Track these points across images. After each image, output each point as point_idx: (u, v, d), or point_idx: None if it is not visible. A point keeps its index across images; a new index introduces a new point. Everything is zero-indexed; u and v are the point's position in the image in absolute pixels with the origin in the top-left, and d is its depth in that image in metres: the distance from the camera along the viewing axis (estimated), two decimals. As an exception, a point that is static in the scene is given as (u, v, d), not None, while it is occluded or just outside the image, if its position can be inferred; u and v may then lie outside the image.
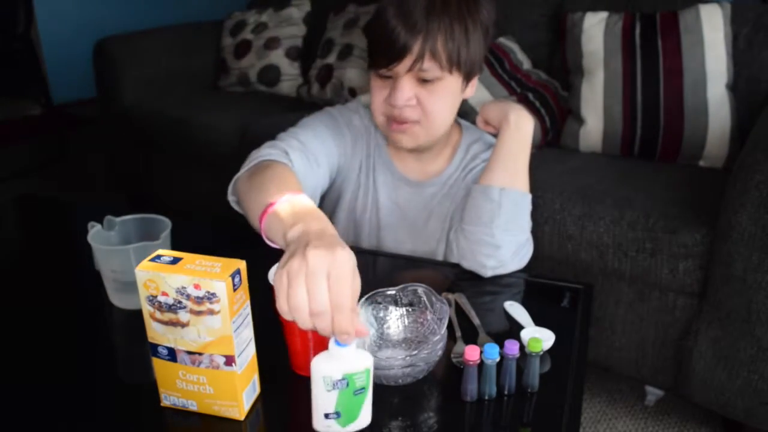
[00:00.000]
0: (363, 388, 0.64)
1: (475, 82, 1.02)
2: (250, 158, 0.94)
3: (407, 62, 0.92)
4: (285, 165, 0.89)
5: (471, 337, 0.80)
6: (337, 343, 0.62)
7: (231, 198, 0.95)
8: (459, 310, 0.87)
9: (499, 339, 0.72)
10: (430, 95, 0.96)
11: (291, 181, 0.82)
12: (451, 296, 0.89)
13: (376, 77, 0.98)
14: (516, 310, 0.87)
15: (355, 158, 1.11)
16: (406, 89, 0.94)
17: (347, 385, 0.62)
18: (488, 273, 0.95)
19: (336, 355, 0.62)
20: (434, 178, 1.09)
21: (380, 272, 1.05)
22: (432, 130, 1.00)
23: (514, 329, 0.83)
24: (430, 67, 0.93)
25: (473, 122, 1.11)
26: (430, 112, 0.97)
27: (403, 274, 1.02)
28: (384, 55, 0.93)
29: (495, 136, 1.03)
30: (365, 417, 0.66)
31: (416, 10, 0.91)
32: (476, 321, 0.84)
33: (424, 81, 0.95)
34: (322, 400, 0.63)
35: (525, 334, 0.80)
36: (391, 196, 1.11)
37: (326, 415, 0.64)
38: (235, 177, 0.93)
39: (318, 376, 0.62)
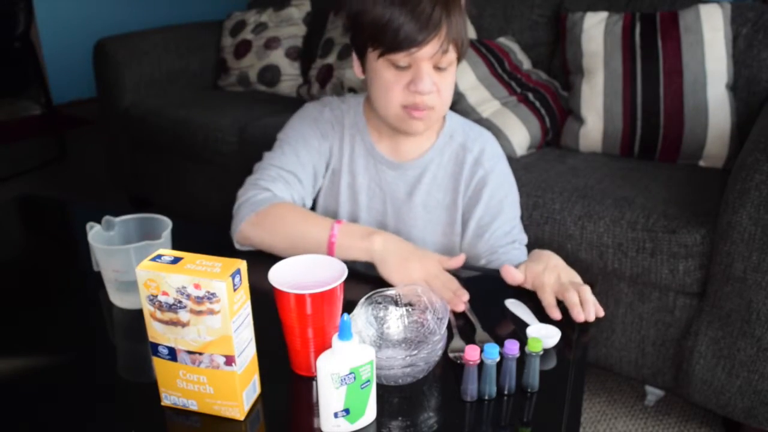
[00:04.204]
0: (368, 381, 0.64)
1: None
2: (240, 202, 1.05)
3: (430, 49, 0.95)
4: (283, 202, 1.04)
5: (470, 337, 0.80)
6: (340, 337, 0.62)
7: (238, 246, 1.05)
8: (459, 310, 0.87)
9: (500, 338, 0.72)
10: (444, 81, 1.00)
11: (304, 211, 1.05)
12: (451, 296, 0.90)
13: (388, 68, 0.99)
14: (518, 308, 0.87)
15: (323, 151, 1.14)
16: (432, 75, 0.98)
17: (354, 379, 0.63)
18: None
19: (339, 350, 0.63)
20: (416, 159, 1.11)
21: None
22: (441, 113, 1.06)
23: (515, 328, 0.83)
24: (451, 50, 0.97)
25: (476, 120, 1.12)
26: (445, 96, 1.02)
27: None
28: (404, 40, 0.94)
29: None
30: (371, 412, 0.67)
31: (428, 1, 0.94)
32: (476, 320, 0.84)
33: (438, 68, 0.98)
34: (331, 399, 0.63)
35: (532, 331, 0.80)
36: (373, 179, 1.13)
37: (335, 414, 0.64)
38: (237, 226, 1.04)
39: (325, 374, 0.62)
